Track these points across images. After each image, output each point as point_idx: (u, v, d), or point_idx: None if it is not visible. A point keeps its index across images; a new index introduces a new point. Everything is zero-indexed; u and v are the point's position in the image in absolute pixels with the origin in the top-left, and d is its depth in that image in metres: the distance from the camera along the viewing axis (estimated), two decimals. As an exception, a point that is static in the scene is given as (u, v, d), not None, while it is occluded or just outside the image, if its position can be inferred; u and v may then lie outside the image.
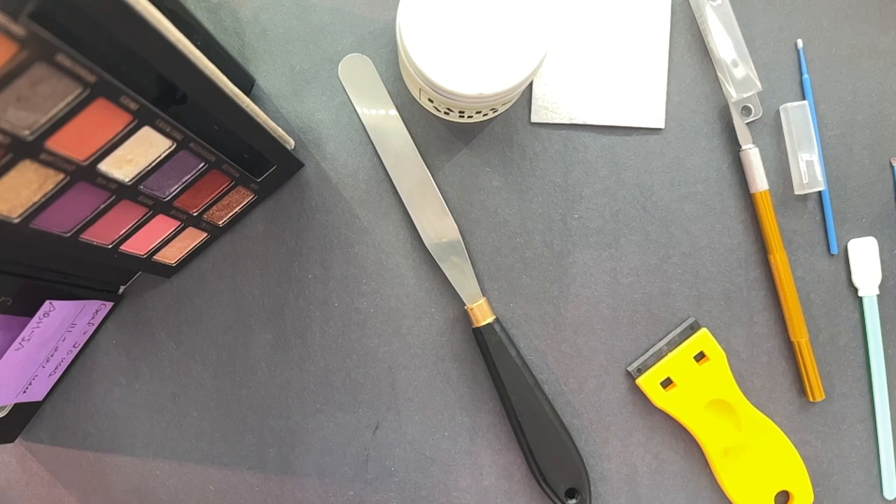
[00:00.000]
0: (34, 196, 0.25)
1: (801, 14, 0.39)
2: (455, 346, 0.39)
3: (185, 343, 0.40)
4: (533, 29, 0.31)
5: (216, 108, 0.29)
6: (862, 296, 0.39)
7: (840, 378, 0.39)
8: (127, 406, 0.40)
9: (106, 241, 0.31)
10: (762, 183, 0.38)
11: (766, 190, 0.38)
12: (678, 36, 0.39)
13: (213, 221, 0.37)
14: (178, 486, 0.40)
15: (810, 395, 0.38)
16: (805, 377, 0.38)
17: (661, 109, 0.39)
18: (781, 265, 0.38)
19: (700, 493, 0.39)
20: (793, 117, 0.38)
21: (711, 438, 0.38)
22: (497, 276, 0.39)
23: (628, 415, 0.39)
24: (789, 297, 0.38)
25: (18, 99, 0.21)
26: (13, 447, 0.40)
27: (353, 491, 0.39)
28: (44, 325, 0.34)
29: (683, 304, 0.39)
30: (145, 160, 0.28)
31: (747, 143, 0.38)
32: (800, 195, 0.39)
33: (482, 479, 0.39)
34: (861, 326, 0.39)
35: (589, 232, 0.39)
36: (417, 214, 0.38)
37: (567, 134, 0.39)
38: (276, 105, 0.39)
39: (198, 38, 0.34)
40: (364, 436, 0.39)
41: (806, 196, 0.39)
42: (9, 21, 0.18)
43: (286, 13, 0.39)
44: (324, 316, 0.39)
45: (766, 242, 0.38)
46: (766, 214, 0.38)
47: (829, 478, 0.39)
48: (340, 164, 0.39)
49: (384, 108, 0.39)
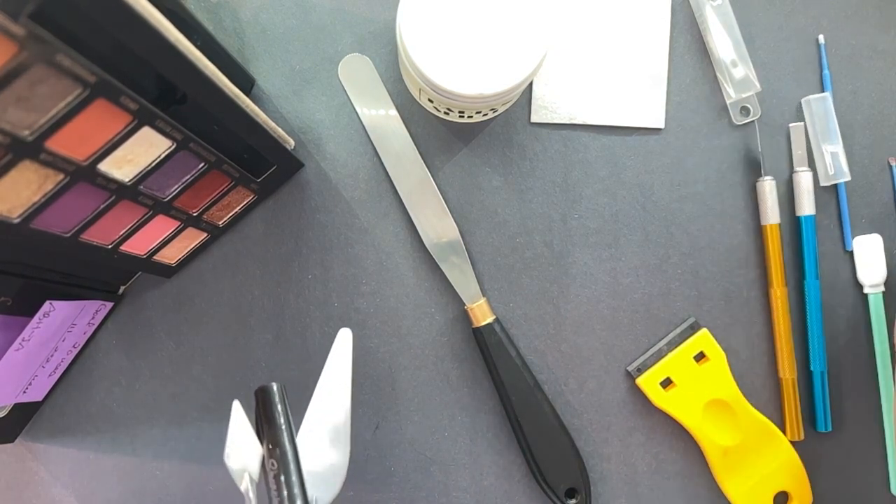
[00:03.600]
0: (34, 196, 0.25)
1: (801, 14, 0.39)
2: (455, 346, 0.39)
3: (185, 343, 0.40)
4: (533, 29, 0.31)
5: (216, 108, 0.29)
6: (867, 292, 0.39)
7: (842, 378, 0.39)
8: (127, 406, 0.40)
9: (106, 241, 0.31)
10: (774, 216, 0.38)
11: (777, 223, 0.38)
12: (678, 36, 0.39)
13: (213, 221, 0.37)
14: (178, 486, 0.40)
15: (789, 434, 0.38)
16: (787, 415, 0.38)
17: (661, 109, 0.39)
18: (781, 300, 0.38)
19: (699, 493, 0.39)
20: (815, 109, 0.38)
21: (711, 438, 0.38)
22: (497, 276, 0.39)
23: (628, 415, 0.39)
24: (783, 334, 0.38)
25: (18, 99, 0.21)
26: (13, 447, 0.40)
27: (353, 491, 0.39)
28: (44, 326, 0.34)
29: (683, 304, 0.39)
30: (145, 160, 0.28)
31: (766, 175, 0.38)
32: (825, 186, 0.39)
33: (482, 479, 0.39)
34: (866, 322, 0.39)
35: (589, 232, 0.39)
36: (417, 214, 0.38)
37: (567, 134, 0.39)
38: (276, 105, 0.39)
39: (198, 38, 0.34)
40: (364, 436, 0.39)
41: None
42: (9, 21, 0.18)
43: (286, 13, 0.39)
44: (324, 316, 0.39)
45: (769, 275, 0.38)
46: (774, 248, 0.38)
47: (828, 478, 0.39)
48: (340, 164, 0.39)
49: (384, 108, 0.39)
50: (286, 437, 0.28)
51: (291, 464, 0.28)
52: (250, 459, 0.28)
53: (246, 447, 0.28)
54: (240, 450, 0.28)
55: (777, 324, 0.38)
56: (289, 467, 0.28)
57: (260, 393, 0.29)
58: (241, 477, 0.28)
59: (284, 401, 0.29)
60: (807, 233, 0.38)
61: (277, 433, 0.28)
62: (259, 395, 0.29)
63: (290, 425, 0.29)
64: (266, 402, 0.29)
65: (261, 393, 0.29)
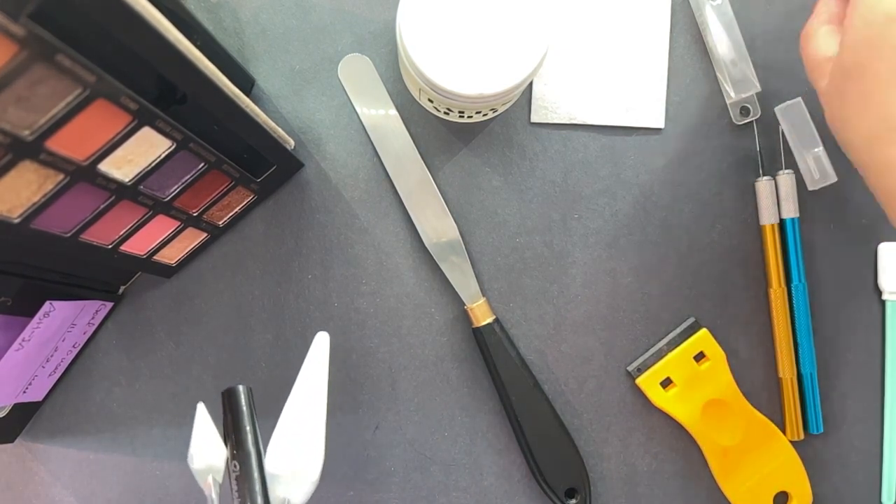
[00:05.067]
0: (34, 196, 0.25)
1: (801, 14, 0.39)
2: (455, 346, 0.39)
3: (185, 343, 0.40)
4: (533, 29, 0.31)
5: (216, 109, 0.29)
6: (886, 299, 0.38)
7: (842, 378, 0.39)
8: (127, 406, 0.40)
9: (106, 241, 0.31)
10: (773, 216, 0.38)
11: (775, 223, 0.38)
12: (678, 36, 0.39)
13: (213, 221, 0.37)
14: (177, 486, 0.40)
15: (789, 433, 0.38)
16: (787, 415, 0.38)
17: (661, 109, 0.39)
18: (780, 300, 0.38)
19: (699, 493, 0.39)
20: (790, 115, 0.38)
21: (711, 438, 0.38)
22: (497, 276, 0.39)
23: (628, 415, 0.39)
24: (782, 333, 0.38)
25: (18, 99, 0.21)
26: (13, 447, 0.40)
27: (353, 491, 0.39)
28: (44, 326, 0.34)
29: (683, 304, 0.39)
30: (145, 160, 0.28)
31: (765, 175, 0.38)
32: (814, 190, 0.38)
33: (482, 479, 0.39)
34: (881, 329, 0.39)
35: (589, 232, 0.39)
36: (417, 214, 0.38)
37: (567, 134, 0.39)
38: (276, 105, 0.39)
39: (198, 38, 0.34)
40: (364, 436, 0.39)
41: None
42: (9, 21, 0.18)
43: (286, 13, 0.39)
44: (324, 316, 0.39)
45: (768, 275, 0.38)
46: (773, 247, 0.38)
47: (828, 479, 0.39)
48: (340, 164, 0.39)
49: (384, 108, 0.39)
50: (250, 440, 0.28)
51: (254, 466, 0.28)
52: (214, 461, 0.28)
53: (210, 449, 0.28)
54: (204, 451, 0.28)
55: (777, 324, 0.38)
56: (251, 469, 0.28)
57: (226, 395, 0.29)
58: (203, 478, 0.28)
59: (251, 403, 0.29)
60: (792, 235, 0.38)
61: (241, 435, 0.28)
62: (225, 397, 0.29)
63: (255, 428, 0.29)
64: (232, 404, 0.29)
65: (227, 395, 0.29)
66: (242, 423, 0.28)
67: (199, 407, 0.29)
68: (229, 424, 0.29)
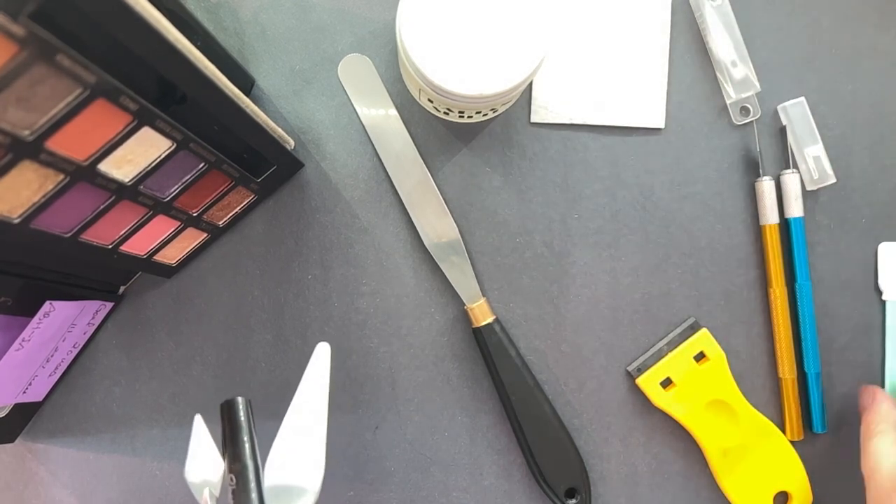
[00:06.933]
0: (34, 196, 0.25)
1: (801, 14, 0.39)
2: (455, 346, 0.39)
3: (185, 343, 0.40)
4: (533, 29, 0.31)
5: (216, 109, 0.29)
6: (886, 299, 0.38)
7: (843, 378, 0.39)
8: (127, 406, 0.40)
9: (106, 241, 0.31)
10: (773, 216, 0.38)
11: (776, 223, 0.38)
12: (678, 36, 0.39)
13: (213, 221, 0.37)
14: (177, 486, 0.40)
15: (789, 433, 0.38)
16: (787, 415, 0.38)
17: (661, 109, 0.39)
18: (780, 300, 0.38)
19: (699, 493, 0.39)
20: (792, 115, 0.38)
21: (711, 438, 0.38)
22: (497, 276, 0.39)
23: (628, 415, 0.39)
24: (782, 333, 0.38)
25: (18, 99, 0.21)
26: (13, 447, 0.40)
27: (353, 491, 0.39)
28: (44, 326, 0.34)
29: (683, 304, 0.39)
30: (145, 160, 0.28)
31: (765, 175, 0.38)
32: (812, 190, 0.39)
33: (482, 479, 0.39)
34: (881, 329, 0.39)
35: (589, 232, 0.39)
36: (417, 214, 0.38)
37: (567, 134, 0.39)
38: (276, 105, 0.39)
39: (198, 38, 0.34)
40: (364, 436, 0.39)
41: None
42: (9, 21, 0.18)
43: (286, 13, 0.39)
44: (324, 316, 0.39)
45: (769, 275, 0.38)
46: (773, 247, 0.38)
47: (828, 478, 0.39)
48: (340, 164, 0.39)
49: (384, 108, 0.39)
50: (248, 453, 0.28)
51: (251, 479, 0.27)
52: (212, 474, 0.28)
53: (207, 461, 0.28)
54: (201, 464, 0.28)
55: (777, 324, 0.38)
56: (248, 483, 0.27)
57: (225, 407, 0.28)
58: (200, 491, 0.27)
59: (249, 415, 0.28)
60: (796, 235, 0.38)
61: (239, 448, 0.28)
62: (224, 408, 0.28)
63: (252, 440, 0.28)
64: (231, 416, 0.28)
65: (226, 407, 0.28)
66: (240, 435, 0.28)
67: (197, 419, 0.29)
68: (227, 436, 0.28)
